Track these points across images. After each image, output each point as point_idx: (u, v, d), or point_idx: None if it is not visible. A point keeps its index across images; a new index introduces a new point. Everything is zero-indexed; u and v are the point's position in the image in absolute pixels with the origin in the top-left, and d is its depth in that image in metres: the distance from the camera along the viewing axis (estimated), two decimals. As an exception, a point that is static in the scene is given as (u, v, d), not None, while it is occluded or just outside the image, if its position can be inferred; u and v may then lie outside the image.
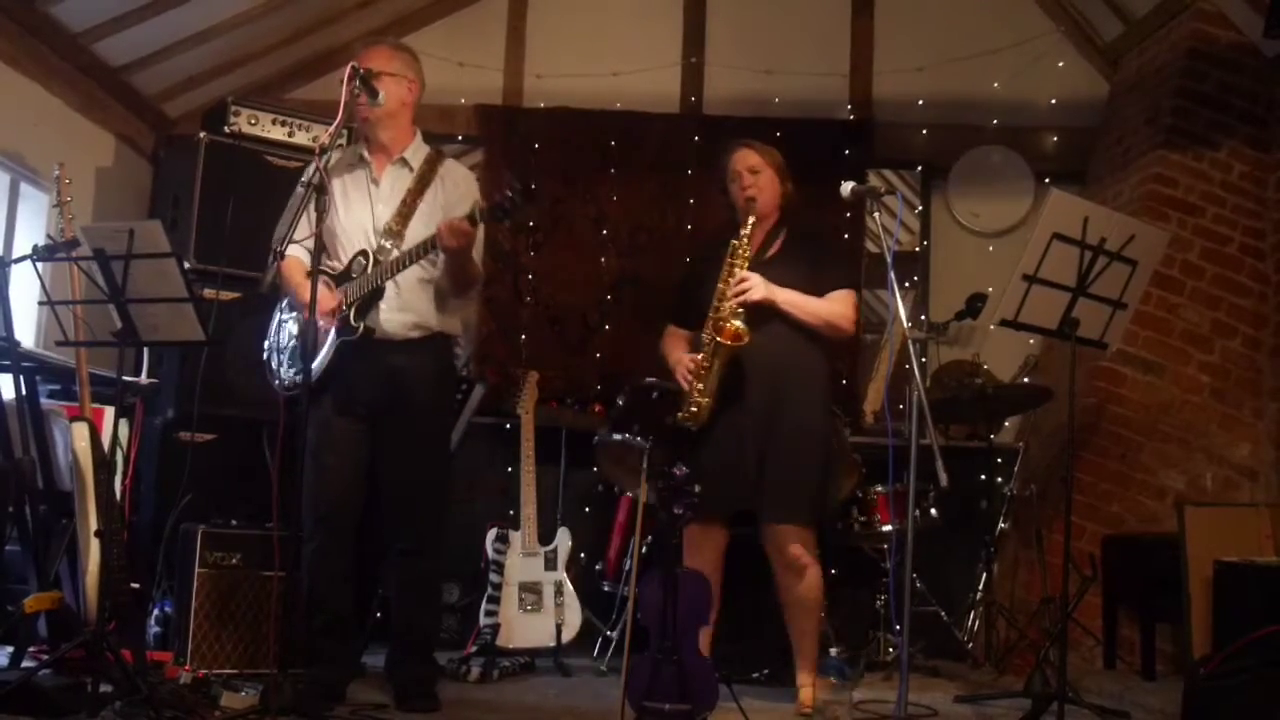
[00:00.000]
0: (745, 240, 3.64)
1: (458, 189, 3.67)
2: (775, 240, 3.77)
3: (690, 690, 3.14)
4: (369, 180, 3.65)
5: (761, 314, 3.59)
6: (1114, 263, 3.46)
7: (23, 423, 3.65)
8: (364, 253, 3.54)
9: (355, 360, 3.52)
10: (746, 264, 3.62)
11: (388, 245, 3.52)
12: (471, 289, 3.69)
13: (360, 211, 3.62)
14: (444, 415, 3.80)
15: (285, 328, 3.70)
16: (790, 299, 3.62)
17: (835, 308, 3.68)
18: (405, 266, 3.46)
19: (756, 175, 3.72)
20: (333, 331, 3.49)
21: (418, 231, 3.52)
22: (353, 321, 3.47)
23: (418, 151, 3.69)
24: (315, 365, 3.51)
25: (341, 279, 3.54)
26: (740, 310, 3.54)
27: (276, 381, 3.67)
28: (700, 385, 3.59)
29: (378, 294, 3.49)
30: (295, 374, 3.57)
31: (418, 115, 3.76)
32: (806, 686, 3.63)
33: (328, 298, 3.47)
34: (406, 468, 3.59)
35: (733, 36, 5.88)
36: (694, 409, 3.60)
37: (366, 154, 3.67)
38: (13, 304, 3.67)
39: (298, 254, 3.57)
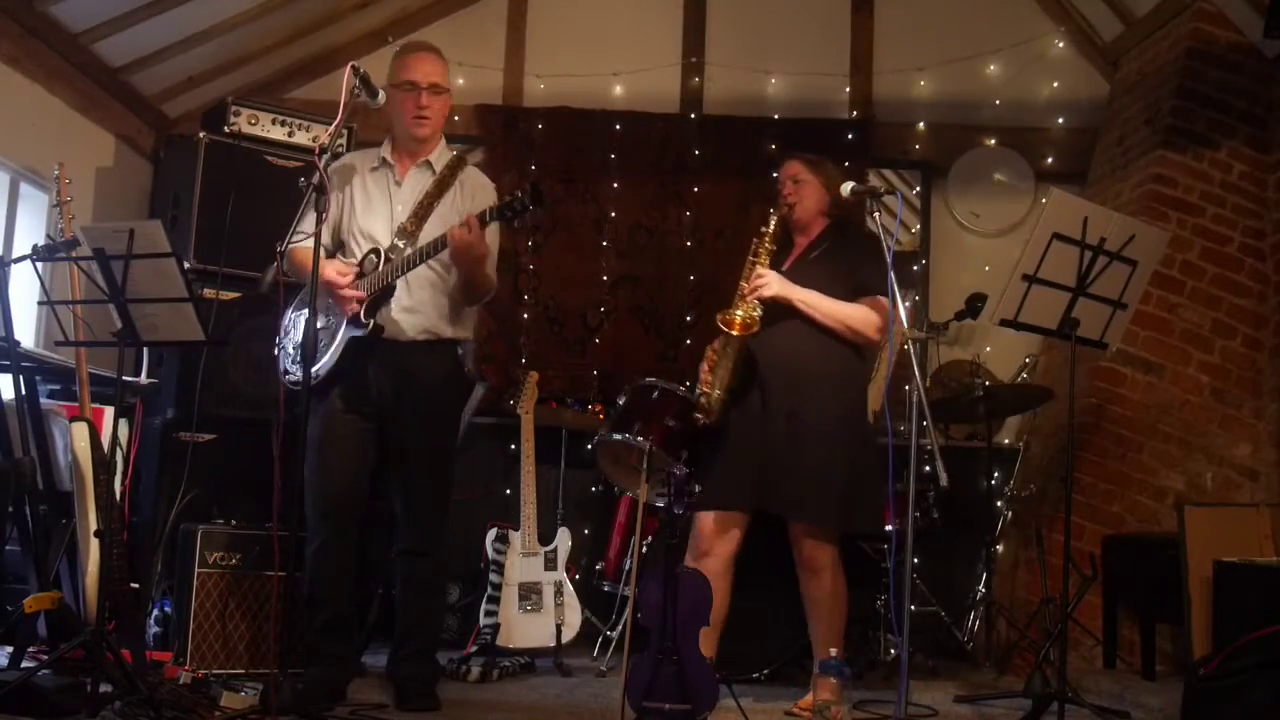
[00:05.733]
0: (765, 237, 3.75)
1: (476, 195, 3.66)
2: (820, 246, 3.82)
3: (690, 690, 3.13)
4: (391, 181, 3.65)
5: (781, 312, 3.64)
6: (1114, 263, 3.45)
7: (22, 423, 3.64)
8: (376, 250, 3.53)
9: (366, 360, 3.52)
10: (769, 258, 3.73)
11: (400, 244, 3.52)
12: (483, 298, 3.68)
13: (380, 211, 3.62)
14: (453, 418, 3.79)
15: (299, 325, 3.66)
16: (807, 299, 3.65)
17: (858, 313, 3.67)
18: (416, 264, 3.45)
19: (798, 185, 3.83)
20: (343, 327, 3.49)
21: (432, 233, 3.51)
22: (362, 318, 3.46)
23: (442, 155, 3.69)
24: (324, 361, 3.52)
25: (355, 277, 3.53)
26: (758, 305, 3.62)
27: (286, 377, 3.65)
28: (709, 377, 3.66)
29: (388, 292, 3.49)
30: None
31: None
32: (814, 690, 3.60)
33: (352, 288, 3.46)
34: (415, 469, 3.59)
35: (733, 36, 5.88)
36: (703, 400, 3.65)
37: (390, 156, 3.67)
38: (13, 304, 3.66)
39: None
